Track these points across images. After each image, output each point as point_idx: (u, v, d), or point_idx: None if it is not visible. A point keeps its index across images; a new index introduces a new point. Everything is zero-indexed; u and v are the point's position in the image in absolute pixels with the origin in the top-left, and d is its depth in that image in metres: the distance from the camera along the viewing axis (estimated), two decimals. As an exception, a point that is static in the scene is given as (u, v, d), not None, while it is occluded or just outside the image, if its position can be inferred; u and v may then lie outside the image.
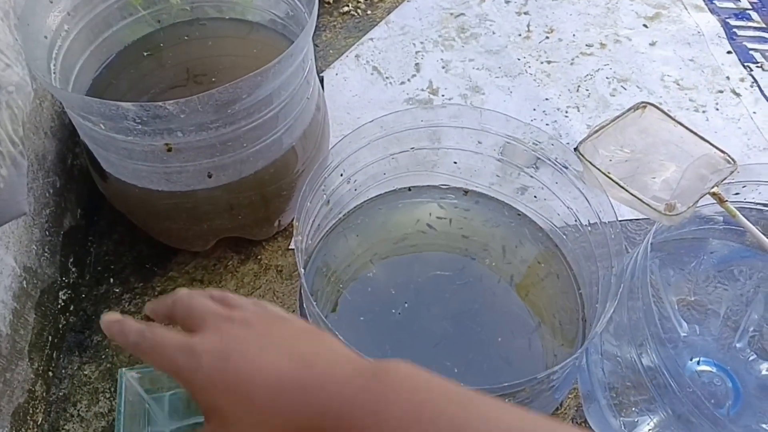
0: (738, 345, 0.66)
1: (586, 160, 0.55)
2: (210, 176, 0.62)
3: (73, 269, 0.74)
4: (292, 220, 0.62)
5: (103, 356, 0.71)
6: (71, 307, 0.73)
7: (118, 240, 0.80)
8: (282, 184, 0.68)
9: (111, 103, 0.53)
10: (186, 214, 0.66)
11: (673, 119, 0.58)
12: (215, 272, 0.76)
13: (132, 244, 0.79)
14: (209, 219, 0.67)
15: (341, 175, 0.60)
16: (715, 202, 0.55)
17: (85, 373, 0.69)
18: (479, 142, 0.67)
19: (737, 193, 0.59)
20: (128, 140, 0.58)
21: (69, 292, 0.73)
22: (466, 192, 0.71)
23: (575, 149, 0.56)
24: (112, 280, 0.76)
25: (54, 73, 0.64)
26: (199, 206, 0.65)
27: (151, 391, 0.56)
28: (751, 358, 0.65)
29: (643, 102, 0.59)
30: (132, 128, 0.56)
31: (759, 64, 0.96)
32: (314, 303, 0.48)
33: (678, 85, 0.94)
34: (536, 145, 0.63)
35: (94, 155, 0.65)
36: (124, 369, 0.51)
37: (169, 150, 0.59)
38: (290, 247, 0.78)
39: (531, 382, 0.44)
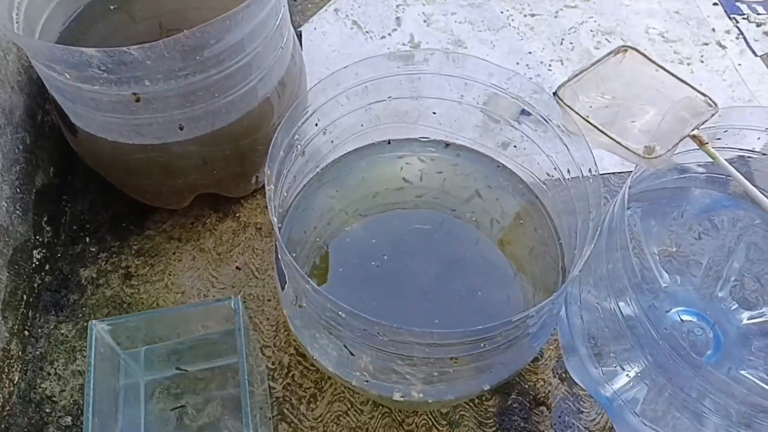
0: (719, 294, 0.66)
1: (565, 104, 0.53)
2: (182, 128, 0.61)
3: (48, 228, 0.73)
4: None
5: (80, 315, 0.70)
6: (46, 267, 0.72)
7: (94, 199, 0.78)
8: (258, 138, 0.66)
9: (74, 50, 0.52)
10: (159, 168, 0.65)
11: (655, 63, 0.57)
12: (193, 230, 0.75)
13: (107, 203, 0.78)
14: (183, 174, 0.66)
15: (316, 124, 0.58)
16: (695, 146, 0.54)
17: (62, 332, 0.69)
18: (462, 94, 0.65)
19: (719, 138, 0.58)
20: (95, 90, 0.56)
21: (44, 251, 0.72)
22: (447, 145, 0.70)
23: (554, 93, 0.54)
24: (87, 239, 0.75)
25: (17, 23, 0.62)
26: (173, 161, 0.64)
27: (124, 345, 0.55)
28: (732, 308, 0.65)
29: (623, 46, 0.57)
30: (97, 77, 0.54)
31: (745, 16, 0.95)
32: (288, 252, 0.47)
33: (663, 37, 0.92)
34: (521, 96, 0.61)
35: (63, 108, 0.63)
36: (94, 321, 0.50)
37: (138, 100, 0.57)
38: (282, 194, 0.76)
39: (506, 325, 0.43)
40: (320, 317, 0.50)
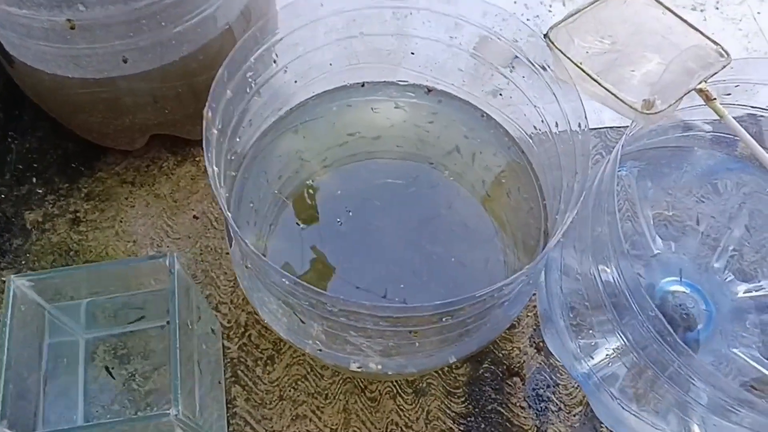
0: (715, 265, 0.60)
1: (557, 48, 0.46)
2: (125, 61, 0.54)
3: (-11, 167, 0.67)
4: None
5: (23, 261, 0.64)
6: (-12, 209, 0.66)
7: (43, 136, 0.72)
8: (215, 75, 0.59)
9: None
10: (104, 106, 0.58)
11: (662, 5, 0.50)
12: (148, 174, 0.69)
13: (58, 141, 0.71)
14: (131, 113, 0.59)
15: (274, 61, 0.52)
16: (702, 101, 0.48)
17: (3, 279, 0.63)
18: (451, 35, 0.58)
19: (728, 94, 0.51)
20: (23, 14, 0.50)
21: (-15, 191, 0.66)
22: (428, 90, 0.63)
23: (545, 35, 0.47)
24: (34, 179, 0.69)
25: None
26: (118, 97, 0.57)
27: (57, 299, 0.50)
28: (728, 279, 0.60)
29: (628, -18, 0.50)
30: (23, -2, 0.47)
31: (769, -42, 0.86)
32: (226, 207, 0.41)
33: (676, -21, 0.84)
34: (516, 42, 0.54)
35: (-5, 34, 0.56)
36: (12, 276, 0.44)
37: (72, 27, 0.50)
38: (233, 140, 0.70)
39: (469, 300, 0.38)
40: (266, 281, 0.44)
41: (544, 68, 0.52)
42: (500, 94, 0.58)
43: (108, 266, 0.47)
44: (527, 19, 0.83)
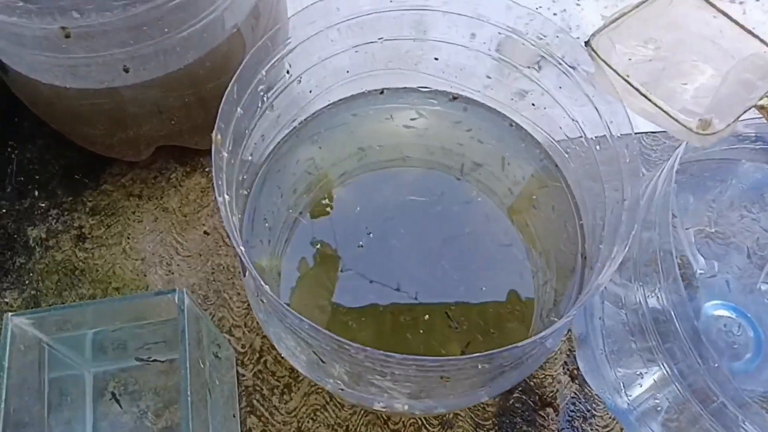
0: (763, 287, 0.56)
1: (600, 58, 0.42)
2: (127, 70, 0.50)
3: (-12, 180, 0.63)
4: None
5: (27, 281, 0.61)
6: (-13, 224, 0.63)
7: (44, 146, 0.68)
8: (225, 82, 0.54)
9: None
10: (105, 117, 0.54)
11: (714, 6, 0.45)
12: (156, 186, 0.65)
13: (60, 152, 0.68)
14: (135, 124, 0.55)
15: (287, 72, 0.47)
16: (761, 117, 0.43)
17: (6, 300, 0.60)
18: (472, 35, 0.54)
19: (789, 106, 0.46)
20: (14, 22, 0.46)
21: (-16, 206, 0.62)
22: (454, 98, 0.59)
23: (586, 43, 0.43)
24: (36, 192, 0.65)
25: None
26: (121, 108, 0.53)
27: (59, 332, 0.47)
28: (777, 303, 0.56)
29: (677, -17, 0.45)
30: (12, 5, 0.43)
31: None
32: (237, 236, 0.38)
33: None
34: (541, 39, 0.50)
35: (-12, 42, 0.52)
36: (10, 314, 0.41)
37: (68, 36, 0.46)
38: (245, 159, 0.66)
39: (510, 350, 0.34)
40: (282, 319, 0.40)
41: (573, 68, 0.47)
42: (533, 105, 0.54)
43: (113, 302, 0.44)
44: (553, 14, 0.78)
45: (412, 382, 0.40)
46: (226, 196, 0.39)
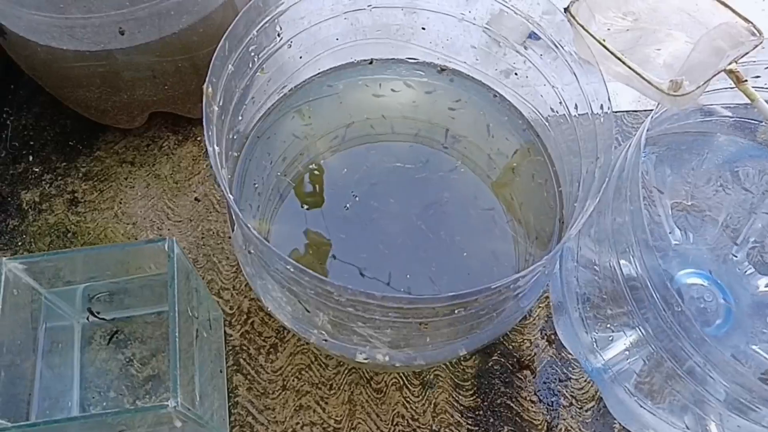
0: (735, 257, 0.58)
1: (578, 23, 0.44)
2: (122, 33, 0.51)
3: (-16, 144, 0.65)
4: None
5: (20, 243, 0.62)
6: (-18, 187, 0.64)
7: (40, 112, 0.69)
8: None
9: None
10: (100, 80, 0.56)
11: (691, -21, 0.47)
12: (148, 153, 0.67)
13: (55, 118, 0.69)
14: (129, 88, 0.57)
15: (278, 35, 0.49)
16: (726, 84, 0.45)
17: (-1, 261, 0.61)
18: (463, 10, 0.55)
19: (758, 76, 0.48)
20: (13, -20, 0.47)
21: (-21, 169, 0.64)
22: (441, 69, 0.60)
23: (566, 9, 0.45)
24: (31, 157, 0.67)
25: None
26: (116, 71, 0.55)
27: (53, 284, 0.48)
28: (748, 272, 0.58)
29: (656, -45, 0.47)
30: (12, -37, 0.45)
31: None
32: (227, 189, 0.39)
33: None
34: (531, 17, 0.52)
35: (-13, 3, 0.54)
36: (5, 259, 0.42)
37: (66, -5, 0.48)
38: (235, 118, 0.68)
39: (484, 291, 0.36)
40: (269, 268, 0.42)
41: (561, 46, 0.49)
42: (515, 74, 0.55)
43: (105, 249, 0.45)
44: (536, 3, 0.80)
45: (393, 329, 0.42)
46: (216, 147, 0.41)
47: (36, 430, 0.38)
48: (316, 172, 0.56)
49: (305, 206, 0.55)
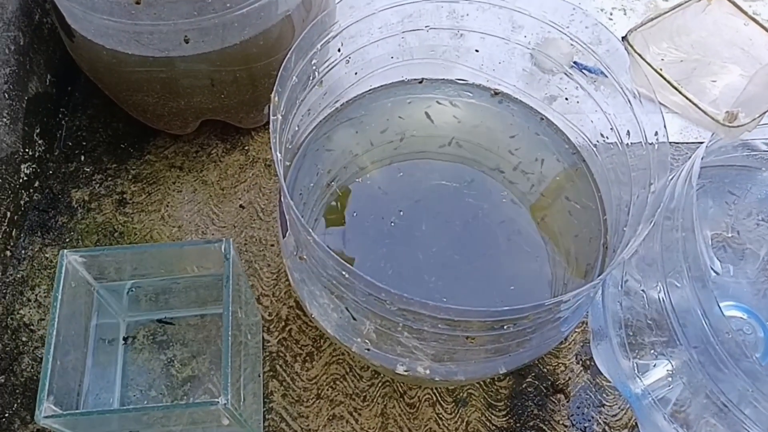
0: (776, 292, 0.58)
1: (636, 52, 0.45)
2: (187, 41, 0.53)
3: (40, 142, 0.67)
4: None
5: (68, 239, 0.64)
6: (35, 183, 0.66)
7: (94, 115, 0.72)
8: (273, 62, 0.59)
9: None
10: (160, 86, 0.57)
11: (746, 14, 0.48)
12: (197, 160, 0.68)
13: (108, 121, 0.71)
14: (187, 95, 0.59)
15: (339, 50, 0.51)
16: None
17: (47, 255, 0.63)
18: (513, 29, 0.56)
19: (810, 113, 0.49)
20: (89, -13, 0.49)
21: (33, 166, 0.66)
22: (495, 93, 0.61)
23: (623, 38, 0.46)
24: (83, 157, 0.69)
25: None
26: (176, 78, 0.57)
27: (106, 277, 0.49)
28: (789, 308, 0.57)
29: (711, -10, 0.48)
30: (91, -30, 0.47)
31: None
32: (290, 194, 0.40)
33: (743, -5, 0.81)
34: (580, 41, 0.53)
35: (59, 7, 0.56)
36: (66, 251, 0.43)
37: (138, 2, 0.50)
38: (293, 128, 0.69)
39: (535, 308, 0.36)
40: (321, 274, 0.43)
41: (612, 72, 0.50)
42: (565, 98, 0.56)
43: (160, 248, 0.47)
44: (585, 27, 0.81)
45: (439, 341, 0.42)
46: (279, 154, 0.42)
47: (88, 419, 0.39)
48: (344, 191, 0.57)
49: (338, 224, 0.55)
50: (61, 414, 0.39)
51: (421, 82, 0.61)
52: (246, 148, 0.69)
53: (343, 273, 0.38)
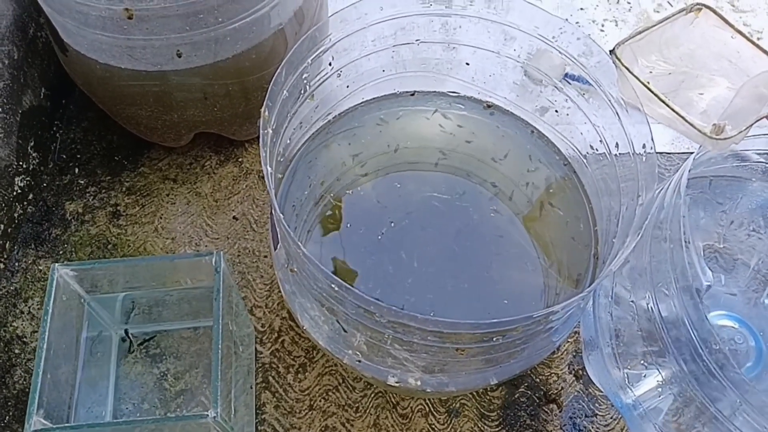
0: (766, 301, 0.58)
1: (623, 65, 0.45)
2: (180, 55, 0.54)
3: (34, 155, 0.67)
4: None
5: (61, 252, 0.64)
6: (29, 196, 0.66)
7: (88, 127, 0.72)
8: (266, 75, 0.59)
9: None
10: (153, 99, 0.58)
11: (733, 27, 0.48)
12: (190, 172, 0.69)
13: (102, 134, 0.71)
14: (180, 108, 0.59)
15: (330, 64, 0.51)
16: (762, 131, 0.46)
17: (40, 268, 0.63)
18: (504, 42, 0.57)
19: (797, 124, 0.49)
20: (82, 2, 0.50)
21: (27, 179, 0.66)
22: (488, 106, 0.62)
23: (611, 51, 0.46)
24: (77, 170, 0.69)
25: None
26: (169, 92, 0.57)
27: (98, 290, 0.50)
28: (779, 317, 0.58)
29: (698, 3, 0.49)
30: (84, -15, 0.47)
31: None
32: (281, 208, 0.41)
33: (732, 6, 0.82)
34: (570, 54, 0.53)
35: (52, 22, 0.56)
36: (57, 264, 0.44)
37: (130, 17, 0.50)
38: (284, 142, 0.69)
39: (525, 320, 0.37)
40: (312, 286, 0.43)
41: (601, 85, 0.50)
42: (555, 111, 0.57)
43: (151, 261, 0.47)
44: (577, 39, 0.82)
45: (429, 353, 0.42)
46: (269, 168, 0.42)
47: (78, 432, 0.39)
48: (336, 202, 0.57)
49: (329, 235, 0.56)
50: (51, 428, 0.39)
51: (413, 95, 0.62)
52: (240, 160, 0.69)
53: (333, 286, 0.38)
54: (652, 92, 0.43)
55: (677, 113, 0.42)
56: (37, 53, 0.67)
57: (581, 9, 0.81)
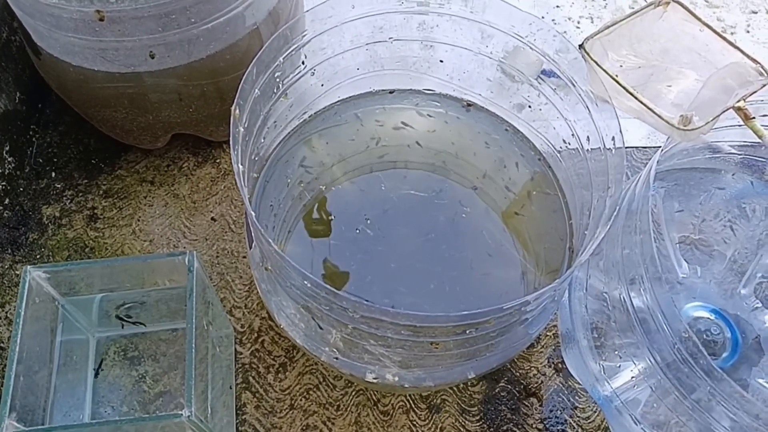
0: (742, 291, 0.59)
1: (593, 59, 0.46)
2: (153, 56, 0.53)
3: (10, 159, 0.66)
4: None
5: (38, 256, 0.64)
6: (6, 200, 0.66)
7: (64, 131, 0.72)
8: (241, 76, 0.59)
9: (24, -48, 0.44)
10: (128, 101, 0.58)
11: (701, 21, 0.49)
12: (168, 173, 0.68)
13: (79, 137, 0.71)
14: (155, 110, 0.59)
15: (303, 63, 0.51)
16: (734, 122, 0.47)
17: (17, 273, 0.63)
18: (481, 40, 0.57)
19: (765, 115, 0.50)
20: (53, 4, 0.49)
21: (3, 183, 0.65)
22: (469, 105, 0.62)
23: (580, 46, 0.46)
24: (54, 174, 0.69)
25: None
26: (143, 93, 0.57)
27: (70, 293, 0.49)
28: (755, 307, 0.58)
29: (666, -3, 0.49)
30: (53, -14, 0.47)
31: (801, -15, 0.85)
32: (254, 208, 0.41)
33: (706, 2, 0.83)
34: (545, 52, 0.54)
35: (24, 25, 0.56)
36: (29, 267, 0.43)
37: (102, 19, 0.50)
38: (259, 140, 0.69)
39: (496, 312, 0.37)
40: (286, 284, 0.43)
41: (575, 82, 0.51)
42: (529, 107, 0.57)
43: (125, 261, 0.46)
44: (554, 36, 0.82)
45: (404, 347, 0.42)
46: (240, 166, 0.42)
47: (52, 435, 0.39)
48: (315, 201, 0.57)
49: (311, 235, 0.56)
50: (24, 431, 0.39)
51: (392, 93, 0.62)
52: (217, 161, 0.69)
53: (306, 283, 0.39)
54: (620, 85, 0.44)
55: (645, 105, 0.43)
56: (11, 57, 0.67)
57: (557, 6, 0.82)
